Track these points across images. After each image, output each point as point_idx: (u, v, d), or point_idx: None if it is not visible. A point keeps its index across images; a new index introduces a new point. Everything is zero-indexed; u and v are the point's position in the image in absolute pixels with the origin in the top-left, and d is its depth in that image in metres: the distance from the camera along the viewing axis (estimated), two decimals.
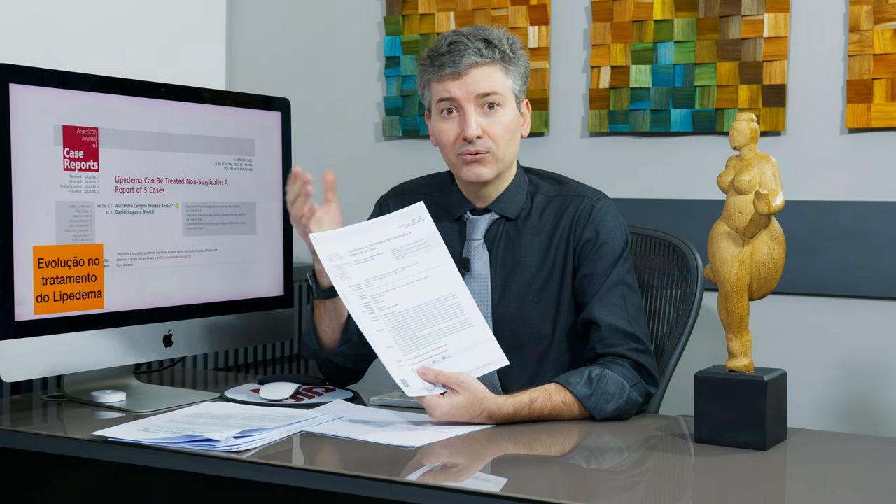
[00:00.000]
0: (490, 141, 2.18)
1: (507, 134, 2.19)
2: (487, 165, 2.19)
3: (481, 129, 2.17)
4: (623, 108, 2.92)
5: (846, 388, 2.74)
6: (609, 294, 2.18)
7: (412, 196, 2.34)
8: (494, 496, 1.64)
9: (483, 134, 2.17)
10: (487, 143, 2.18)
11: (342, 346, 2.24)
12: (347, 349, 2.24)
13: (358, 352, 2.24)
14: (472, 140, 2.16)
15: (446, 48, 2.18)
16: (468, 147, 2.17)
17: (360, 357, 2.26)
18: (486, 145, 2.18)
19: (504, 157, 2.20)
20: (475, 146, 2.17)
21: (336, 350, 2.25)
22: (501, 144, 2.19)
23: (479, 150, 2.17)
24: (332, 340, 2.25)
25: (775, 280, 1.91)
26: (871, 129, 2.69)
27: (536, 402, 2.04)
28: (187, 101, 2.35)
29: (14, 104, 2.04)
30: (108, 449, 1.94)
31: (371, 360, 2.30)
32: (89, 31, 2.93)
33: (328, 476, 1.76)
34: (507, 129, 2.19)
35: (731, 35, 2.80)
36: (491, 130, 2.18)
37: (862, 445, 2.07)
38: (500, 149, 2.19)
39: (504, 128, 2.18)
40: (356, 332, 2.20)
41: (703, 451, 1.87)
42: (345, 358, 2.26)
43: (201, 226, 2.37)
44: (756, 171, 1.88)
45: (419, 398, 2.01)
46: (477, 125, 2.16)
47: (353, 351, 2.24)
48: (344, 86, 3.30)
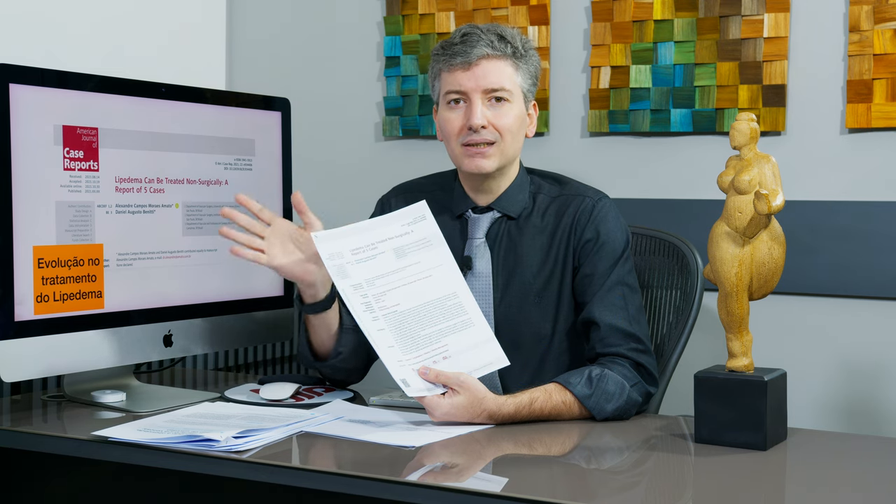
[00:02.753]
0: (495, 132, 2.18)
1: (513, 127, 2.20)
2: (490, 158, 2.19)
3: (487, 119, 2.17)
4: (623, 108, 2.92)
5: (846, 388, 2.74)
6: (609, 294, 2.18)
7: (415, 194, 2.34)
8: (494, 496, 1.64)
9: (488, 125, 2.17)
10: (492, 134, 2.18)
11: (333, 358, 2.24)
12: (338, 362, 2.25)
13: (348, 365, 2.25)
14: (477, 129, 2.16)
15: (460, 38, 2.19)
16: (472, 136, 2.17)
17: (351, 369, 2.28)
18: (491, 136, 2.18)
19: (507, 150, 2.20)
20: (480, 136, 2.17)
21: (328, 362, 2.25)
22: (507, 137, 2.19)
23: (484, 139, 2.17)
24: (326, 350, 2.25)
25: (775, 280, 1.91)
26: (871, 129, 2.69)
27: (536, 402, 2.04)
28: (187, 101, 2.35)
29: (14, 104, 2.04)
30: (108, 449, 1.94)
31: (367, 366, 2.30)
32: (89, 31, 2.93)
33: (328, 476, 1.76)
34: (513, 122, 2.19)
35: (731, 35, 2.80)
36: (497, 122, 2.18)
37: (862, 445, 2.07)
38: (504, 141, 2.19)
39: (510, 121, 2.19)
40: (346, 345, 2.22)
41: (703, 451, 1.87)
42: (334, 370, 2.28)
43: (201, 226, 2.37)
44: (756, 171, 1.88)
45: (419, 398, 2.01)
46: (483, 115, 2.17)
47: (343, 364, 2.25)
48: (344, 86, 3.30)
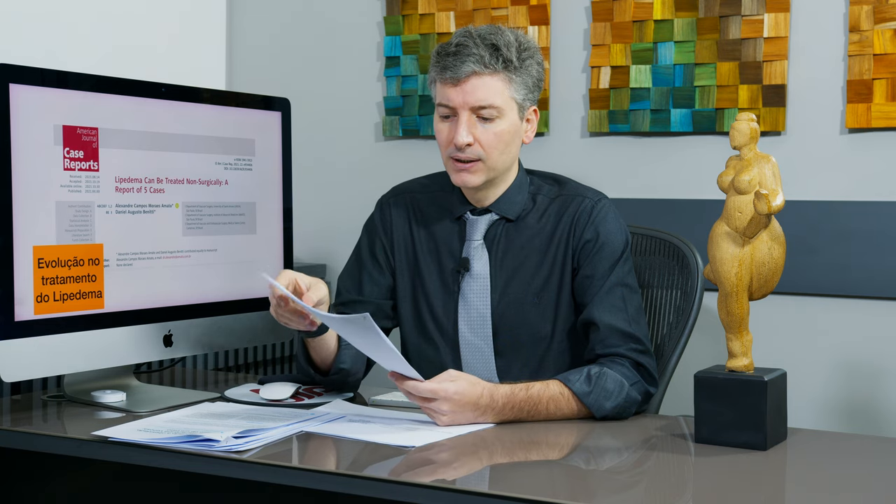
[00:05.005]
0: (480, 149, 2.17)
1: (501, 144, 2.18)
2: (476, 174, 2.19)
3: (473, 136, 2.16)
4: (623, 108, 2.92)
5: (846, 388, 2.74)
6: (609, 295, 2.18)
7: (412, 196, 2.34)
8: (494, 496, 1.64)
9: (474, 142, 2.16)
10: (477, 151, 2.17)
11: (335, 374, 2.24)
12: (339, 376, 2.24)
13: (349, 378, 2.25)
14: (462, 147, 2.16)
15: (453, 48, 2.17)
16: (458, 153, 2.17)
17: (352, 381, 2.27)
18: (476, 153, 2.17)
19: (495, 165, 2.19)
20: (464, 153, 2.16)
21: (329, 377, 2.25)
22: (492, 154, 2.18)
23: (469, 157, 2.17)
24: (326, 366, 2.25)
25: (775, 280, 1.91)
26: (871, 129, 2.69)
27: (533, 387, 2.04)
28: (187, 101, 2.35)
29: (14, 104, 2.04)
30: (108, 449, 1.94)
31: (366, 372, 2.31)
32: (89, 31, 2.93)
33: (328, 476, 1.76)
34: (500, 138, 2.17)
35: (731, 35, 2.80)
36: (483, 139, 2.16)
37: (862, 445, 2.07)
38: (490, 158, 2.18)
39: (497, 138, 2.17)
40: (346, 360, 2.22)
41: (703, 451, 1.87)
42: (333, 385, 2.28)
43: (201, 226, 2.37)
44: (756, 171, 1.88)
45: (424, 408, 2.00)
46: (468, 133, 2.15)
47: (344, 378, 2.25)
48: (344, 86, 3.30)
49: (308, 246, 3.27)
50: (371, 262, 2.33)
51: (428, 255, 2.30)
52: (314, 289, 2.07)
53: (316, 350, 2.22)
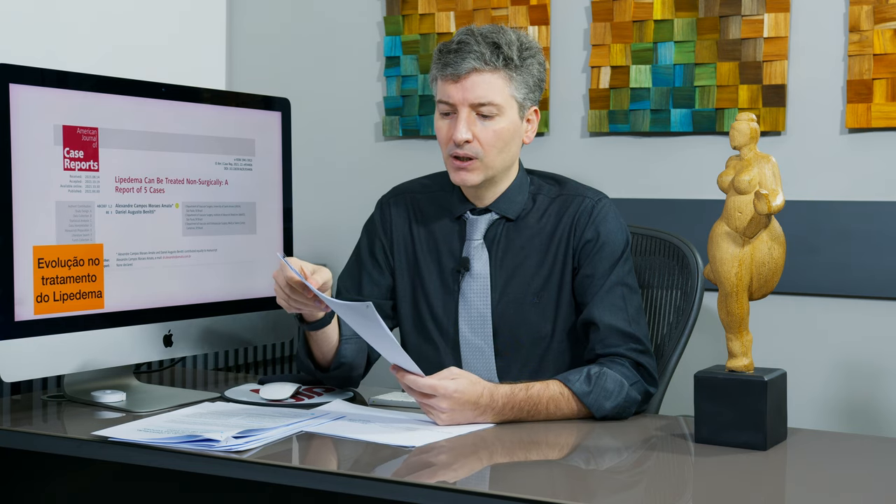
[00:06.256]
0: (479, 147, 2.17)
1: (500, 142, 2.18)
2: (474, 172, 2.19)
3: (472, 134, 2.16)
4: (623, 108, 2.92)
5: (846, 388, 2.74)
6: (609, 295, 2.18)
7: (412, 196, 2.34)
8: (494, 496, 1.64)
9: (473, 139, 2.16)
10: (476, 149, 2.17)
11: (335, 369, 2.24)
12: (340, 372, 2.24)
13: (350, 373, 2.25)
14: (461, 144, 2.16)
15: (455, 46, 2.17)
16: (456, 150, 2.17)
17: (353, 376, 2.27)
18: (475, 151, 2.17)
19: (493, 164, 2.19)
20: (463, 151, 2.16)
21: (330, 372, 2.25)
22: (491, 152, 2.18)
23: (467, 154, 2.17)
24: (327, 361, 2.25)
25: (775, 280, 1.91)
26: (871, 129, 2.69)
27: (533, 387, 2.04)
28: (187, 101, 2.35)
29: (14, 104, 2.04)
30: (108, 449, 1.94)
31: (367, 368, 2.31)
32: (89, 31, 2.93)
33: (328, 476, 1.76)
34: (499, 137, 2.18)
35: (731, 35, 2.80)
36: (482, 136, 2.17)
37: (862, 445, 2.07)
38: (488, 156, 2.18)
39: (496, 136, 2.17)
40: (347, 355, 2.22)
41: (703, 451, 1.87)
42: (336, 378, 2.27)
43: (201, 226, 2.37)
44: (756, 171, 1.88)
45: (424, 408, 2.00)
46: (467, 130, 2.16)
47: (345, 373, 2.25)
48: (344, 86, 3.30)
49: (308, 246, 3.27)
50: (371, 263, 2.33)
51: (428, 255, 2.30)
52: (319, 273, 2.07)
53: (317, 343, 2.22)
